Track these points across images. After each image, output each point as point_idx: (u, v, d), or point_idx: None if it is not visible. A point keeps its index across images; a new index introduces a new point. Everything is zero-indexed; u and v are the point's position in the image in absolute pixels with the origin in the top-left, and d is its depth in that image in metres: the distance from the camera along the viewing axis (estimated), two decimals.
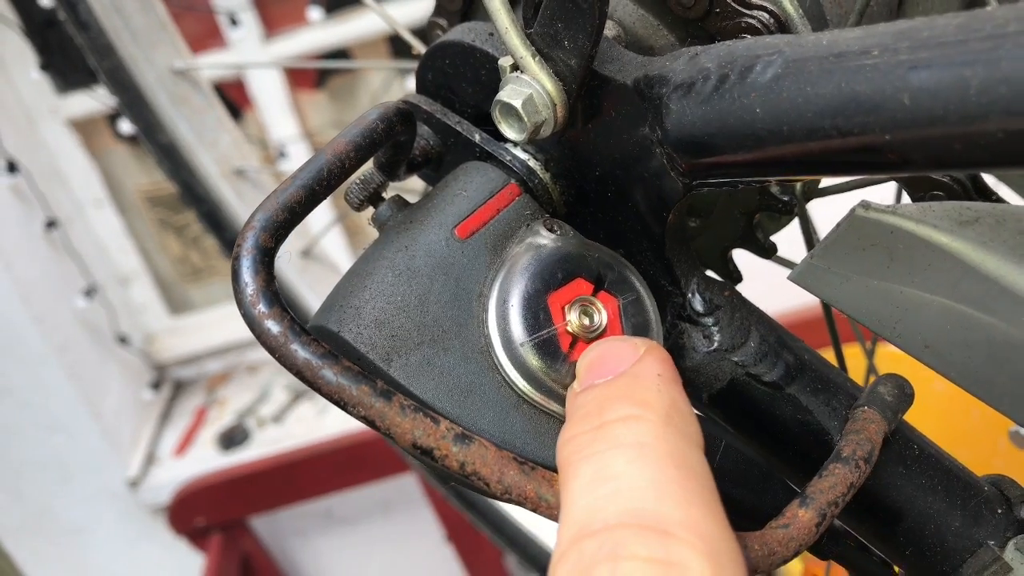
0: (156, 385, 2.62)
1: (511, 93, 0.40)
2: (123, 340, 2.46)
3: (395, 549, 2.63)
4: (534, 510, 0.36)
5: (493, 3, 0.39)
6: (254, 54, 2.30)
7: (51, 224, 2.27)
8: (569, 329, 0.42)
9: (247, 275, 0.37)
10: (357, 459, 2.29)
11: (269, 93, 2.39)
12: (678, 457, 0.32)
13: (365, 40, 2.37)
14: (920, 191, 0.45)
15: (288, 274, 1.21)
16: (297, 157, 2.43)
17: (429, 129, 0.49)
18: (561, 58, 0.40)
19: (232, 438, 2.41)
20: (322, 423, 2.38)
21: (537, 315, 0.41)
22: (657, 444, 0.32)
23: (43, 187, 2.25)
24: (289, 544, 2.62)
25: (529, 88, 0.40)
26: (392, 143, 0.43)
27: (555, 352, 0.41)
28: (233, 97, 2.42)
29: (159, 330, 2.69)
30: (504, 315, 0.41)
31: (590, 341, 0.42)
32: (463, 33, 0.47)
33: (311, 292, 1.27)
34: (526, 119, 0.41)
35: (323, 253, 1.31)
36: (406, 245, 0.43)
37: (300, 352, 0.36)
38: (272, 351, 0.36)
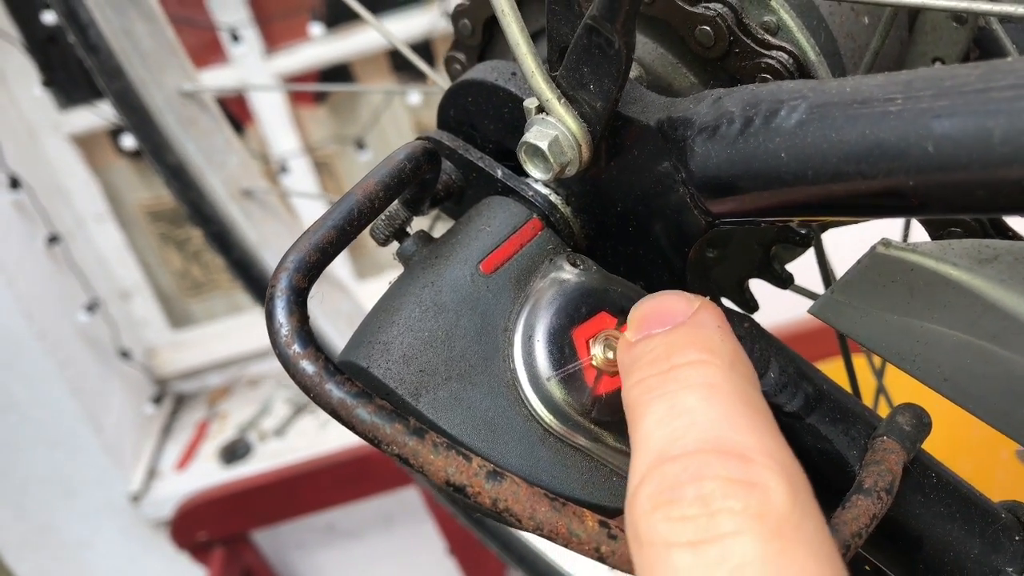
0: (158, 399, 2.62)
1: (537, 135, 0.41)
2: (125, 354, 2.46)
3: (397, 563, 2.63)
4: (565, 545, 0.37)
5: (520, 48, 0.40)
6: (256, 69, 2.31)
7: (53, 239, 2.27)
8: (594, 363, 0.42)
9: (281, 316, 0.37)
10: (359, 473, 2.29)
11: (270, 108, 2.40)
12: (745, 397, 0.34)
13: (366, 55, 2.38)
14: (938, 229, 0.46)
15: None
16: (298, 172, 2.44)
17: (451, 164, 0.49)
18: (586, 100, 0.40)
19: (234, 452, 2.42)
20: (324, 437, 2.39)
21: (563, 349, 0.42)
22: (726, 385, 0.34)
23: (45, 202, 2.26)
24: (291, 558, 2.62)
25: (555, 130, 0.41)
26: (418, 181, 0.44)
27: (581, 386, 0.42)
28: (234, 112, 2.44)
29: (160, 344, 2.69)
30: (530, 350, 0.42)
31: (614, 375, 0.42)
32: (486, 72, 0.48)
33: (317, 310, 1.27)
34: (552, 160, 0.41)
35: (329, 272, 1.32)
36: (432, 281, 0.43)
37: (335, 392, 0.37)
38: (307, 391, 0.37)
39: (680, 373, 0.35)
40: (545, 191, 0.47)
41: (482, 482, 0.37)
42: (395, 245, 0.48)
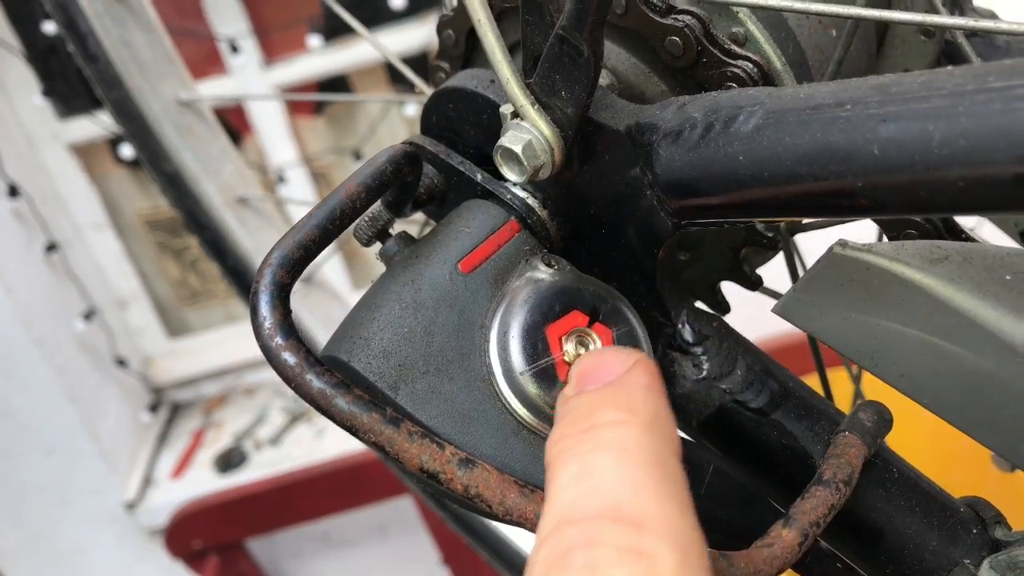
0: (154, 408, 2.64)
1: (512, 139, 0.43)
2: (121, 363, 2.48)
3: (391, 572, 2.64)
4: (533, 530, 0.38)
5: (495, 55, 0.42)
6: (254, 80, 2.34)
7: (51, 247, 2.29)
8: (566, 359, 0.44)
9: (265, 309, 0.39)
10: (354, 481, 2.31)
11: (268, 119, 2.43)
12: (657, 461, 0.34)
13: (363, 67, 2.41)
14: (895, 230, 0.48)
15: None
16: (296, 182, 2.46)
17: (433, 168, 0.51)
18: (558, 106, 0.42)
19: (229, 460, 2.43)
20: (319, 445, 2.40)
21: (536, 345, 0.44)
22: (639, 448, 0.34)
23: (44, 211, 2.27)
24: (286, 567, 2.62)
25: (529, 134, 0.43)
26: (400, 183, 0.46)
27: (553, 381, 0.44)
28: (232, 123, 2.46)
29: (157, 353, 2.71)
30: (505, 345, 0.44)
31: None
32: (466, 80, 0.50)
33: (311, 316, 1.29)
34: (526, 163, 0.43)
35: (323, 279, 1.34)
36: (412, 279, 0.45)
37: (315, 382, 0.38)
38: (288, 381, 0.39)
39: (597, 433, 0.35)
40: (523, 194, 0.49)
41: (454, 469, 0.38)
42: (378, 246, 0.49)
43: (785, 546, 0.40)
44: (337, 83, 2.44)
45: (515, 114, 0.44)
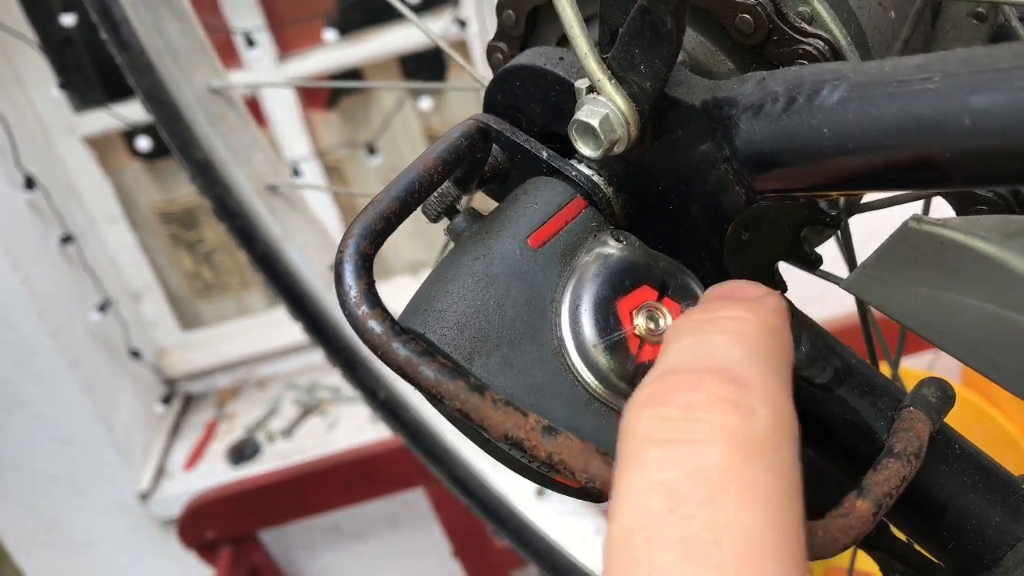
0: (167, 399, 2.64)
1: (589, 113, 0.44)
2: (135, 354, 2.48)
3: (403, 564, 2.65)
4: None
5: (573, 30, 0.42)
6: (269, 74, 2.34)
7: (67, 239, 2.29)
8: (636, 332, 0.45)
9: (350, 278, 0.40)
10: (366, 474, 2.31)
11: (282, 112, 2.43)
12: (770, 355, 0.36)
13: (377, 61, 2.41)
14: (965, 205, 0.49)
15: (315, 284, 1.24)
16: (310, 175, 2.46)
17: (497, 146, 0.52)
18: (635, 81, 0.43)
19: (242, 452, 2.43)
20: (332, 437, 2.41)
21: (608, 319, 0.44)
22: (755, 339, 0.36)
23: (59, 203, 2.28)
24: (298, 558, 2.63)
25: (605, 108, 0.43)
26: (471, 159, 0.47)
27: (624, 353, 0.44)
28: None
29: (170, 345, 2.71)
30: (577, 319, 0.44)
31: (656, 344, 0.45)
32: (534, 57, 0.50)
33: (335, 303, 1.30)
34: (603, 137, 0.44)
35: None
36: (483, 254, 0.46)
37: (401, 350, 0.39)
38: (374, 349, 0.39)
39: (719, 322, 0.37)
40: (588, 171, 0.49)
41: (538, 436, 0.39)
42: (445, 222, 0.50)
43: (860, 516, 0.41)
44: (351, 77, 2.44)
45: (590, 89, 0.44)
